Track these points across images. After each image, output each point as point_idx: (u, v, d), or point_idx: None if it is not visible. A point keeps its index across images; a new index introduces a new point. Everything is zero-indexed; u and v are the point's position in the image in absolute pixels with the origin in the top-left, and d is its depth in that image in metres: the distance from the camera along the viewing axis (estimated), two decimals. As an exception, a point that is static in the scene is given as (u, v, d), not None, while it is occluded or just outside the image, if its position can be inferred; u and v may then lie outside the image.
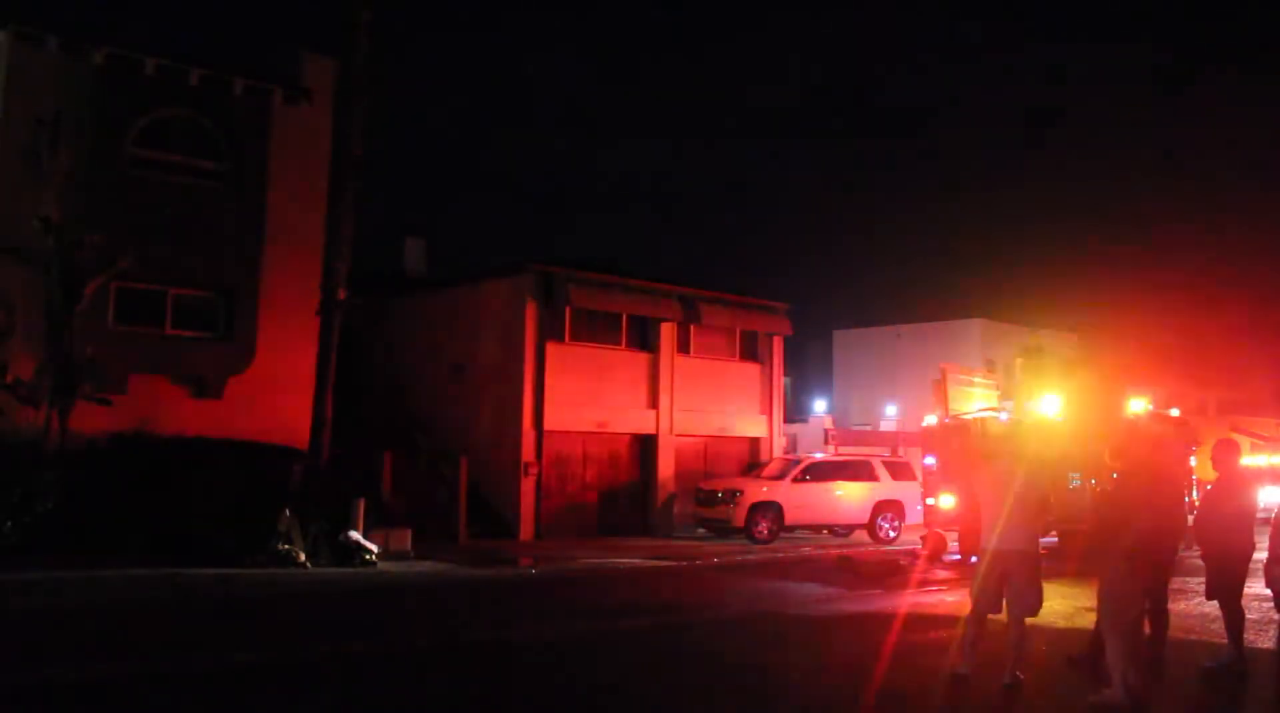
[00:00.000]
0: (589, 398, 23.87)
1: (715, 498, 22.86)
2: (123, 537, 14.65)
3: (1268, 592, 8.52)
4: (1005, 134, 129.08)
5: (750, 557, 19.49)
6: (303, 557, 15.57)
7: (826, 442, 32.12)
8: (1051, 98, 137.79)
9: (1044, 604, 7.83)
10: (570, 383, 23.45)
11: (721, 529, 22.75)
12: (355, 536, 16.26)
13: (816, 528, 23.79)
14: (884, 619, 11.77)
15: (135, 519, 14.86)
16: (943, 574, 16.67)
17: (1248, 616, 8.81)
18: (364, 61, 17.99)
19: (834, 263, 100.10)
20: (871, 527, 23.32)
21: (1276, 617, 9.22)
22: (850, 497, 23.39)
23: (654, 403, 25.22)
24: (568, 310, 23.78)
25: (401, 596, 13.98)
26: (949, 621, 10.77)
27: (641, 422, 25.05)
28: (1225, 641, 8.60)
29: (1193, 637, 9.82)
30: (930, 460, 19.95)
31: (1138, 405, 18.89)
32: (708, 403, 26.29)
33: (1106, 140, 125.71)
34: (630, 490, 24.94)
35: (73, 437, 15.79)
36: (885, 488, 23.66)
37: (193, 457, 16.01)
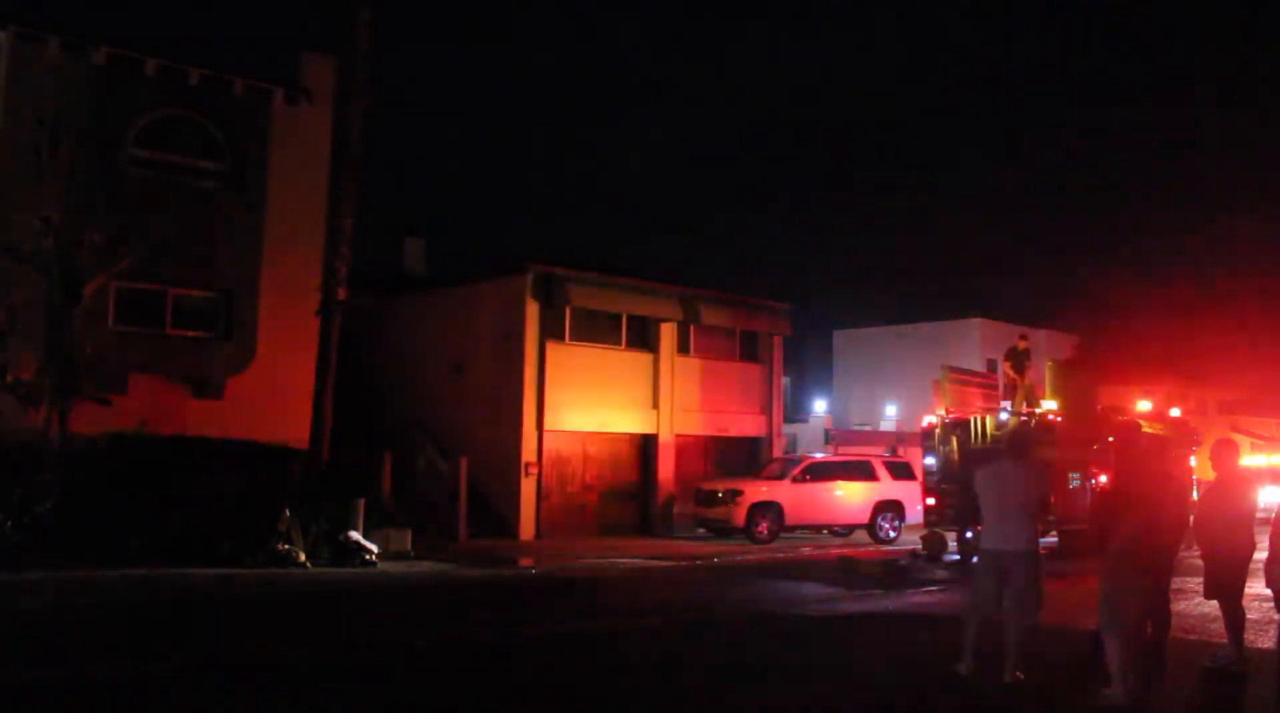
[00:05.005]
0: (589, 398, 23.87)
1: (715, 498, 22.86)
2: (123, 537, 14.65)
3: (1268, 592, 8.51)
4: (1005, 133, 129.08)
5: (750, 557, 19.50)
6: (303, 557, 15.57)
7: (826, 442, 32.14)
8: (1051, 97, 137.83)
9: (1044, 604, 7.83)
10: (570, 383, 23.45)
11: (721, 529, 22.75)
12: (355, 536, 16.26)
13: (816, 528, 23.79)
14: (884, 619, 11.77)
15: (135, 519, 14.86)
16: (943, 574, 16.68)
17: (1248, 616, 8.80)
18: (363, 61, 18.01)
19: (834, 263, 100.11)
20: (871, 527, 23.32)
21: (1276, 617, 9.20)
22: (850, 497, 23.39)
23: (654, 403, 25.23)
24: (568, 310, 23.78)
25: (401, 596, 13.98)
26: (949, 621, 10.77)
27: (641, 422, 25.05)
28: (1225, 641, 8.60)
29: (1193, 637, 9.82)
30: (930, 460, 19.97)
31: (1143, 405, 18.91)
32: (708, 403, 26.30)
33: (1107, 139, 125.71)
34: (630, 490, 24.94)
35: (73, 437, 15.79)
36: (885, 488, 23.67)
37: (193, 457, 16.00)
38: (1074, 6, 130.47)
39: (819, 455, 25.99)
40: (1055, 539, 18.07)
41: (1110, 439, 13.96)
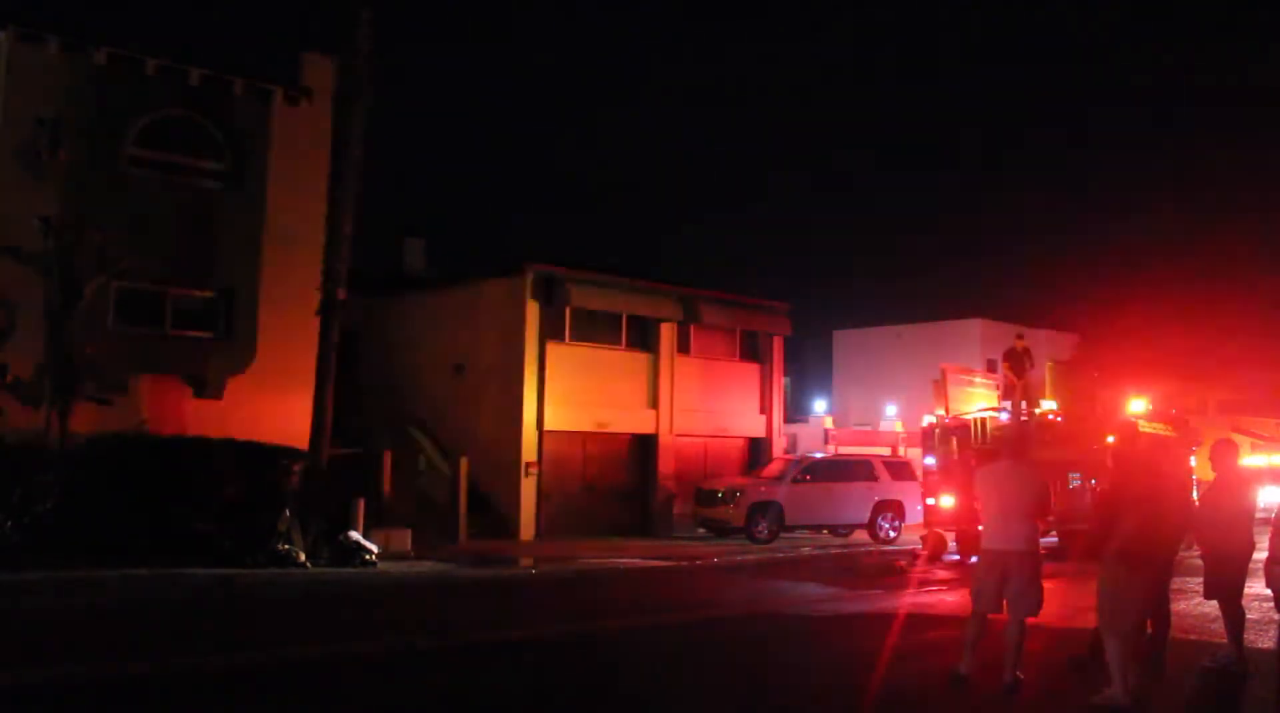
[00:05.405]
0: (589, 398, 23.87)
1: (715, 498, 22.86)
2: (123, 537, 14.63)
3: (1268, 592, 8.52)
4: (1005, 133, 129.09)
5: (750, 557, 19.50)
6: (303, 557, 15.57)
7: (826, 442, 32.13)
8: (1051, 96, 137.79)
9: (1044, 604, 7.82)
10: (570, 383, 23.46)
11: (721, 529, 22.75)
12: (355, 536, 16.26)
13: (816, 528, 23.79)
14: (884, 619, 11.77)
15: (135, 519, 14.85)
16: (943, 574, 16.68)
17: (1248, 616, 8.81)
18: (364, 61, 18.00)
19: (834, 263, 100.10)
20: (871, 527, 23.33)
21: (1276, 617, 9.21)
22: (850, 497, 23.38)
23: (654, 403, 25.23)
24: (568, 310, 23.78)
25: (401, 595, 13.98)
26: (949, 621, 10.78)
27: (641, 422, 25.05)
28: (1225, 640, 8.60)
29: (1193, 637, 9.82)
30: (930, 460, 19.97)
31: (1138, 405, 18.90)
32: (708, 403, 26.30)
33: (1107, 139, 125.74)
34: (630, 490, 24.94)
35: (73, 437, 15.78)
36: (885, 488, 23.67)
37: (193, 457, 15.99)
38: (1074, 4, 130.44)
39: (819, 455, 25.99)
40: (1055, 539, 18.08)
41: (1110, 439, 13.99)
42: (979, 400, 20.42)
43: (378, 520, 17.47)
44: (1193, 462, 18.79)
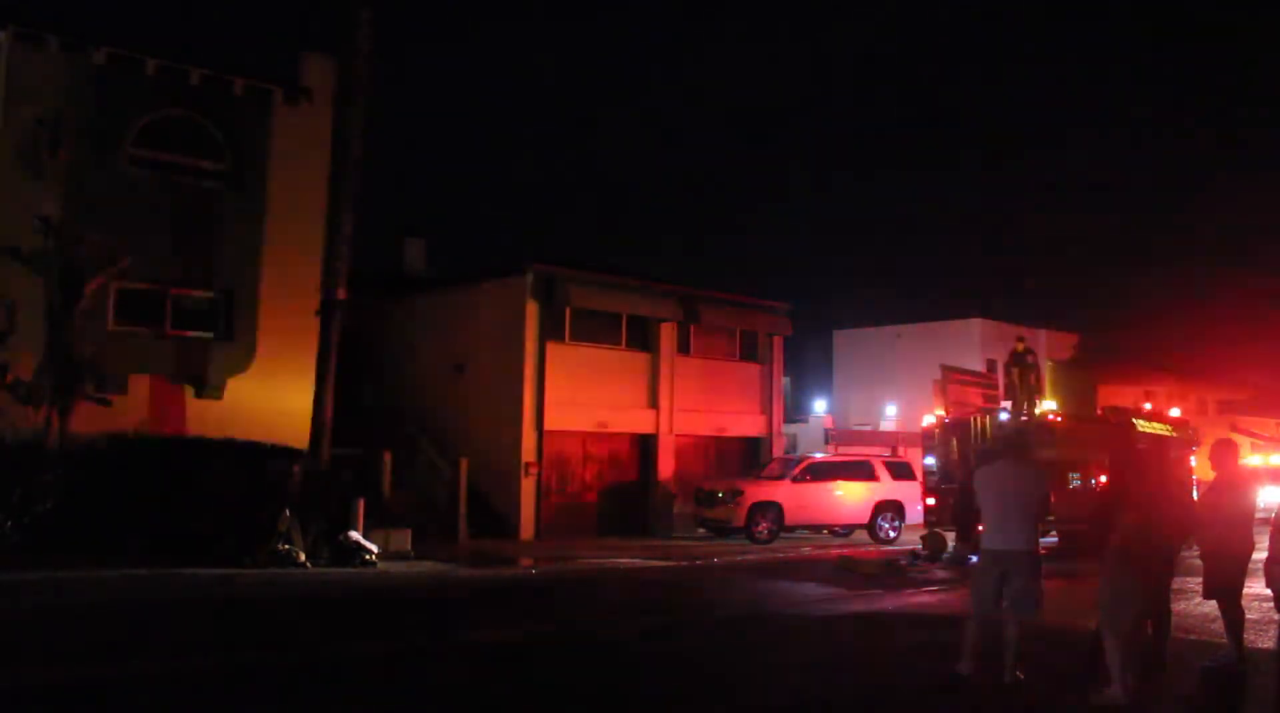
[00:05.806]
0: (589, 398, 23.86)
1: (715, 498, 22.87)
2: (123, 537, 14.63)
3: (1268, 592, 8.52)
4: (1005, 134, 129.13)
5: (750, 557, 19.49)
6: (303, 557, 15.56)
7: (826, 442, 32.14)
8: (1051, 95, 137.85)
9: (1044, 604, 7.83)
10: (570, 383, 23.46)
11: (721, 529, 22.75)
12: (355, 536, 16.25)
13: (816, 528, 23.79)
14: (884, 619, 11.77)
15: (135, 519, 14.85)
16: (943, 574, 16.68)
17: (1248, 616, 8.81)
18: (364, 61, 18.01)
19: (834, 263, 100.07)
20: (871, 527, 23.32)
21: (1276, 617, 9.20)
22: (850, 497, 23.39)
23: (654, 403, 25.23)
24: (568, 310, 23.78)
25: (401, 596, 13.98)
26: (949, 621, 10.77)
27: (641, 422, 25.05)
28: (1225, 640, 8.60)
29: (1193, 637, 9.82)
30: (930, 460, 19.98)
31: (1144, 406, 18.95)
32: (708, 403, 26.30)
33: (1107, 139, 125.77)
34: (630, 490, 24.93)
35: (73, 437, 15.78)
36: (885, 488, 23.67)
37: (193, 457, 15.98)
38: (1072, 5, 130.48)
39: (819, 455, 25.99)
40: (1055, 539, 18.08)
41: (1109, 440, 14.01)
42: (979, 400, 20.44)
43: (378, 521, 17.45)
44: (1193, 462, 18.81)
